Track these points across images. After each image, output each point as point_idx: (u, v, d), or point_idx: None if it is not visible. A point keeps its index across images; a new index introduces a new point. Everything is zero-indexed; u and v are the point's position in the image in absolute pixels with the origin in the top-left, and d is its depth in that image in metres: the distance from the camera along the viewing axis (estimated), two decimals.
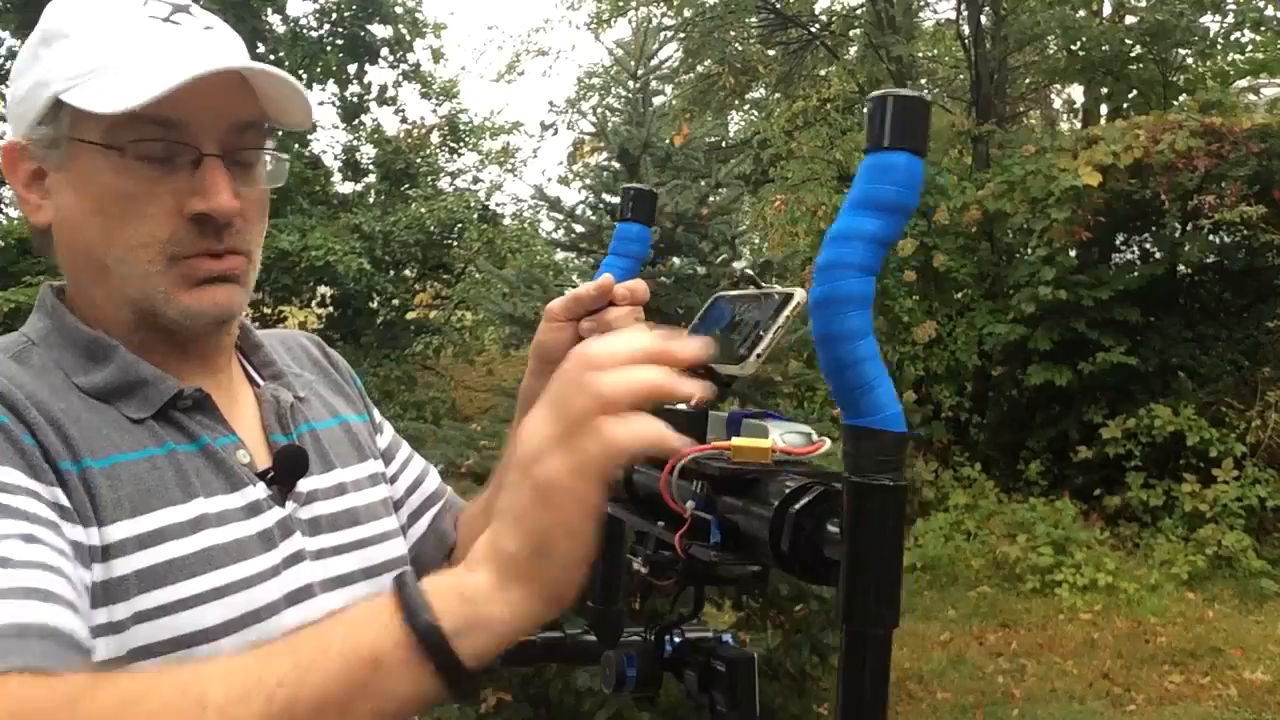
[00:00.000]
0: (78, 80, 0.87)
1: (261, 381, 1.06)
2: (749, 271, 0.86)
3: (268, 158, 0.96)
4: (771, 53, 12.57)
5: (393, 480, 1.17)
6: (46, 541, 0.76)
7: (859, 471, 0.58)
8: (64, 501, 0.81)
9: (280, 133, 1.16)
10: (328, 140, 14.62)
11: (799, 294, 0.78)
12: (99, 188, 0.88)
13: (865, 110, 0.59)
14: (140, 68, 0.87)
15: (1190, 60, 9.14)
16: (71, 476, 0.82)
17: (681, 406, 0.82)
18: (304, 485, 0.99)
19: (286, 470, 0.97)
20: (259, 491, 0.94)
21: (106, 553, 0.82)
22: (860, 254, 0.58)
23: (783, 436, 0.75)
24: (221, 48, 0.94)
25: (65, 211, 0.91)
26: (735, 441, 0.72)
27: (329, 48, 10.73)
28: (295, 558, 0.95)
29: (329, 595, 0.97)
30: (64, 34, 0.90)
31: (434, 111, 11.92)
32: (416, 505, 1.20)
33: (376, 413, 1.21)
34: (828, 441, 0.76)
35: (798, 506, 0.64)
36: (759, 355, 0.76)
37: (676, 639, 0.84)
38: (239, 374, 1.04)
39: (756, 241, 8.93)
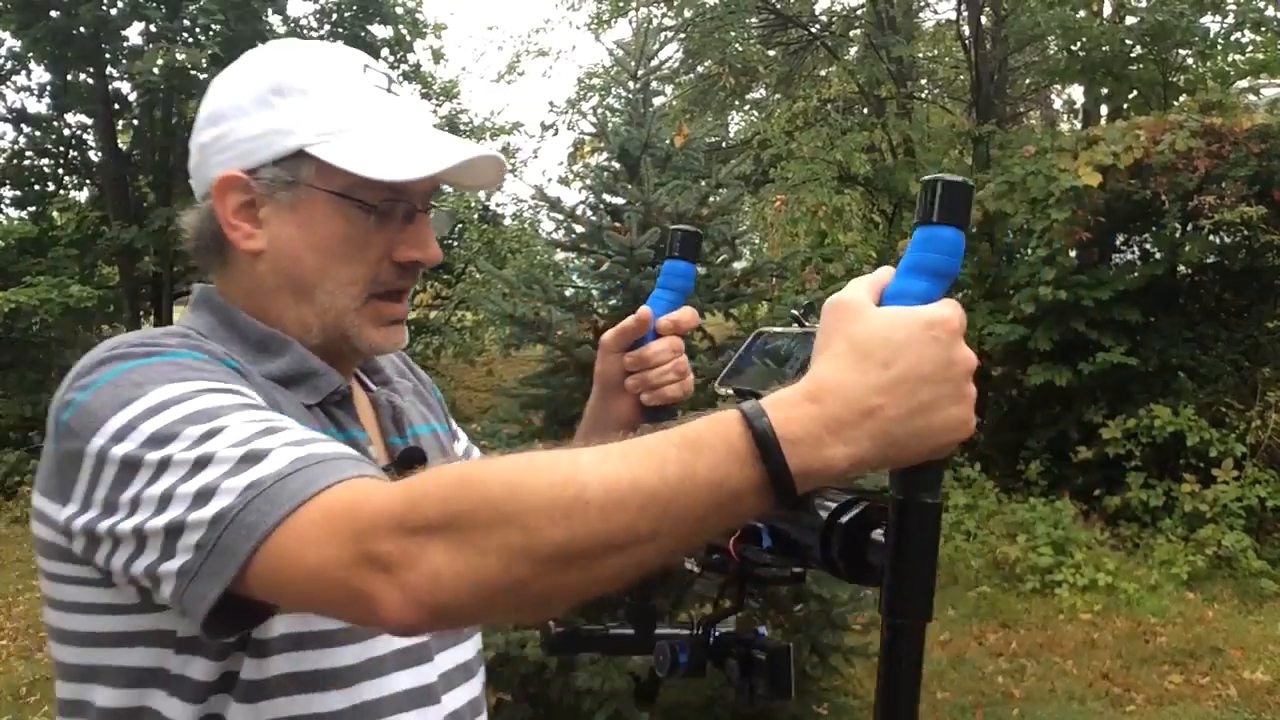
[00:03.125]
0: (325, 138, 0.98)
1: (374, 387, 1.17)
2: (794, 312, 0.97)
3: (432, 213, 1.12)
4: (772, 53, 12.57)
5: None
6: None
7: (906, 491, 0.68)
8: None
9: None
10: None
11: None
12: (327, 230, 1.00)
13: (919, 192, 0.69)
14: (387, 137, 1.00)
15: (1190, 60, 9.15)
16: None
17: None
18: None
19: (408, 469, 1.01)
20: None
21: None
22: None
23: None
24: (432, 121, 1.09)
25: (283, 243, 1.01)
26: None
27: None
28: None
29: None
30: (302, 89, 1.00)
31: (434, 112, 11.92)
32: None
33: (453, 421, 1.33)
34: None
35: (847, 518, 0.73)
36: None
37: (718, 632, 0.93)
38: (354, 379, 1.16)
39: (756, 242, 8.94)
